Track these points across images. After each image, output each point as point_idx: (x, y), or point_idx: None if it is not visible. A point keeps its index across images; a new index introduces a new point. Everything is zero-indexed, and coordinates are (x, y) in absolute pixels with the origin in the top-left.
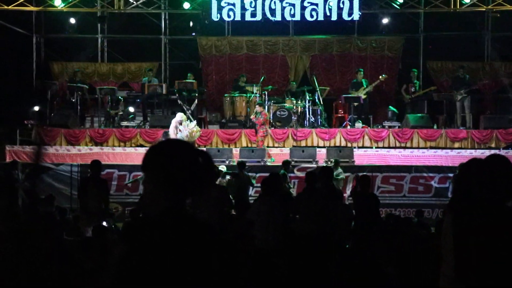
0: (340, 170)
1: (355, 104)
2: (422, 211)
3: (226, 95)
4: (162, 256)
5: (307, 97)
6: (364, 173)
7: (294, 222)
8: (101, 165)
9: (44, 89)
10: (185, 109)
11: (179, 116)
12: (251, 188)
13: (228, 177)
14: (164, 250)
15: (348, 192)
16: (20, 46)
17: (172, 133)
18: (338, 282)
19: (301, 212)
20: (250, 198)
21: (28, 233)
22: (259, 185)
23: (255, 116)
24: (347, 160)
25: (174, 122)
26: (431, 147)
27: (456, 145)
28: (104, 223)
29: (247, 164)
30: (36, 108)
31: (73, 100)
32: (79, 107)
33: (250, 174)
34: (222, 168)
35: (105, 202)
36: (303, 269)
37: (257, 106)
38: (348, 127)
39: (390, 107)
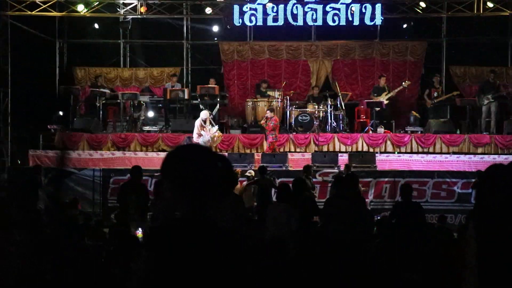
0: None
1: (377, 109)
2: (445, 217)
3: (248, 100)
4: (187, 264)
5: (329, 102)
6: (406, 182)
7: (325, 227)
8: (142, 171)
9: (67, 94)
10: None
11: (204, 114)
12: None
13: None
14: (188, 258)
15: (370, 197)
16: (43, 52)
17: (195, 133)
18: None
19: (333, 217)
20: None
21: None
22: None
23: (265, 122)
24: (369, 165)
25: (198, 121)
26: (454, 153)
27: (479, 150)
28: (140, 230)
29: (268, 169)
30: (59, 113)
31: (96, 105)
32: (101, 112)
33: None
34: (250, 172)
35: (143, 208)
36: (333, 274)
37: (267, 111)
38: (370, 132)
39: (413, 112)
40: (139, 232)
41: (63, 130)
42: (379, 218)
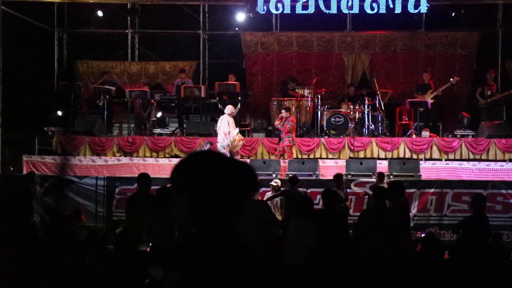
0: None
1: (422, 109)
2: (501, 234)
3: (273, 98)
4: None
5: (366, 102)
6: (477, 193)
7: (358, 242)
8: (150, 179)
9: (67, 92)
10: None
11: (229, 108)
12: None
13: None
14: (215, 278)
15: (413, 210)
16: (41, 43)
17: (222, 133)
18: None
19: (368, 232)
20: None
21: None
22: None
23: (280, 122)
24: (412, 174)
25: (225, 117)
26: (511, 160)
27: None
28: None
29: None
30: (58, 113)
31: (100, 104)
32: (106, 112)
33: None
34: (276, 182)
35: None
36: None
37: (282, 111)
38: (414, 136)
39: (463, 113)
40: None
41: (62, 133)
42: (423, 235)
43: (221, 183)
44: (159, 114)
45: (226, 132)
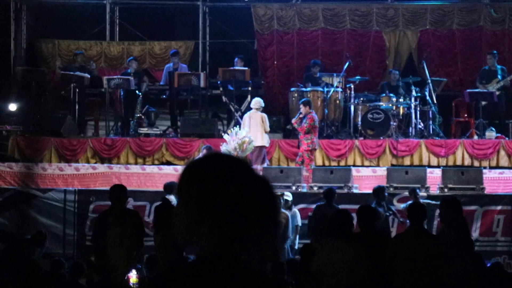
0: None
1: (485, 103)
2: None
3: (293, 89)
4: None
5: (414, 93)
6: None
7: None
8: (126, 192)
9: (27, 80)
10: (233, 109)
11: (257, 102)
12: None
13: (295, 209)
14: None
15: (475, 234)
16: None
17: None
18: None
19: (403, 265)
20: None
21: None
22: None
23: (297, 120)
24: (473, 186)
25: (252, 115)
26: None
27: None
28: (134, 273)
29: (324, 190)
30: (13, 107)
31: (70, 96)
32: (77, 107)
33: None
34: (288, 196)
35: (137, 246)
36: None
37: (300, 106)
38: (475, 137)
39: None
40: (133, 276)
41: (21, 133)
42: (489, 265)
43: (235, 197)
44: (154, 110)
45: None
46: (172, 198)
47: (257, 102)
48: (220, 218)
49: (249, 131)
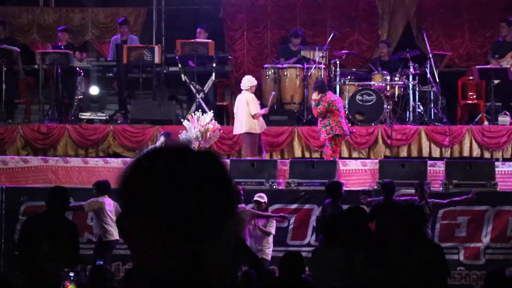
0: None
1: (498, 81)
2: None
3: (267, 66)
4: None
5: (411, 70)
6: None
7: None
8: (68, 198)
9: None
10: (194, 90)
11: (248, 81)
12: None
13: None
14: None
15: (485, 239)
16: None
17: (241, 121)
18: None
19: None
20: None
21: None
22: None
23: (316, 106)
24: (484, 182)
25: (243, 96)
26: None
27: None
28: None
29: (303, 187)
30: None
31: None
32: (4, 86)
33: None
34: (260, 197)
35: (72, 261)
36: None
37: (314, 89)
38: (486, 122)
39: None
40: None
41: None
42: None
43: (189, 199)
44: (94, 90)
45: (255, 111)
46: (109, 202)
47: (244, 80)
48: (176, 230)
49: (236, 115)
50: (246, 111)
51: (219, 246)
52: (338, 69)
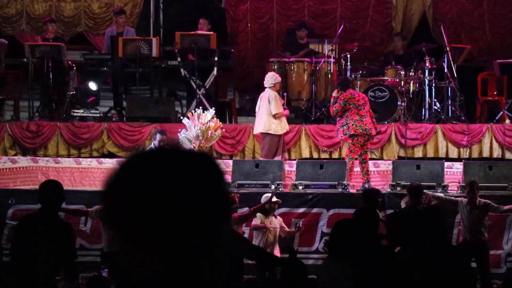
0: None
1: None
2: None
3: (272, 60)
4: None
5: (428, 65)
6: None
7: None
8: (63, 192)
9: None
10: (195, 86)
11: (272, 78)
12: None
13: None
14: None
15: (506, 246)
16: None
17: (269, 110)
18: None
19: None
20: None
21: None
22: None
23: (333, 104)
24: (505, 184)
25: (265, 94)
26: None
27: None
28: None
29: (311, 189)
30: None
31: None
32: None
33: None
34: (268, 197)
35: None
36: None
37: (337, 84)
38: (507, 121)
39: None
40: None
41: None
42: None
43: (180, 204)
44: (93, 86)
45: (275, 110)
46: None
47: (267, 77)
48: (168, 237)
49: (257, 114)
50: (267, 110)
51: (215, 256)
52: (348, 63)
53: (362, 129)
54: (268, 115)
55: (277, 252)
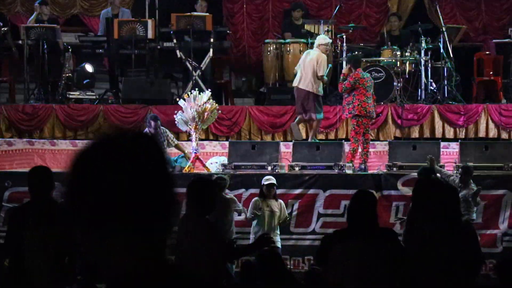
0: (473, 186)
1: None
2: None
3: (268, 41)
4: None
5: (423, 45)
6: None
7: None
8: (52, 177)
9: None
10: (191, 68)
11: (323, 39)
12: None
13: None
14: None
15: (502, 226)
16: None
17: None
18: None
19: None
20: None
21: None
22: None
23: (342, 80)
24: (501, 164)
25: (313, 56)
26: None
27: None
28: None
29: (308, 170)
30: None
31: None
32: None
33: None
34: (269, 179)
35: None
36: None
37: (347, 66)
38: (504, 101)
39: None
40: None
41: None
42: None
43: (128, 185)
44: (89, 68)
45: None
46: None
47: (317, 38)
48: (120, 217)
49: (299, 68)
50: (313, 70)
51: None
52: (344, 44)
53: (366, 111)
54: (313, 75)
55: (276, 237)
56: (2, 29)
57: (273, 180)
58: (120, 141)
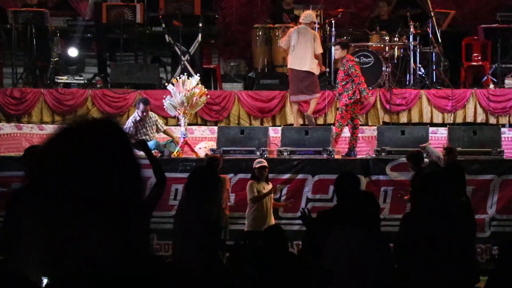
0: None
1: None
2: None
3: (257, 26)
4: None
5: (412, 30)
6: None
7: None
8: None
9: None
10: (179, 52)
11: (309, 16)
12: None
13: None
14: None
15: (490, 211)
16: None
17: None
18: None
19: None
20: None
21: None
22: None
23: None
24: (489, 149)
25: (302, 32)
26: None
27: None
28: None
29: (296, 155)
30: None
31: None
32: None
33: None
34: (261, 162)
35: None
36: None
37: (336, 46)
38: (492, 86)
39: None
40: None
41: None
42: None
43: (93, 172)
44: (73, 52)
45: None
46: None
47: (308, 15)
48: (88, 205)
49: (295, 49)
50: (312, 49)
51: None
52: (333, 29)
53: (361, 96)
54: (312, 54)
55: (272, 220)
56: None
57: (265, 163)
58: (83, 128)
